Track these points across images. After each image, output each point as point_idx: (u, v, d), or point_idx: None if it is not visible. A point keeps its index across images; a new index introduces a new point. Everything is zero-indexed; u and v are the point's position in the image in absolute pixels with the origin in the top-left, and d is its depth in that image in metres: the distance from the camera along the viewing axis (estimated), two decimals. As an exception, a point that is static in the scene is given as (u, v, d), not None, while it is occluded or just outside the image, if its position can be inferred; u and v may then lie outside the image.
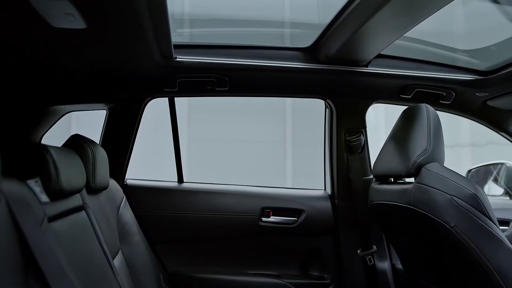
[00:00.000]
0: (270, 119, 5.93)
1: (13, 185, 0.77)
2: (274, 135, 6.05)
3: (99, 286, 1.00)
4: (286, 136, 6.09)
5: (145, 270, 1.61)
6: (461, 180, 1.35)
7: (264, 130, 5.90)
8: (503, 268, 1.28)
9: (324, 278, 1.99)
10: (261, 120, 5.79)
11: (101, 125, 1.93)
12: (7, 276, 0.66)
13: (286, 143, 6.08)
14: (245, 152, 5.68)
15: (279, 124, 6.05)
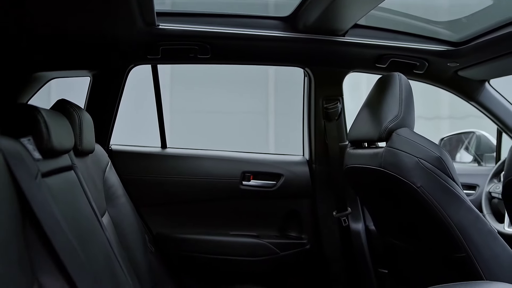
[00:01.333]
0: (252, 90, 5.95)
1: (8, 142, 0.82)
2: (257, 106, 6.09)
3: (89, 239, 1.07)
4: (269, 107, 6.14)
5: (131, 230, 1.68)
6: (428, 144, 1.45)
7: (246, 101, 5.93)
8: (463, 224, 1.40)
9: (302, 238, 2.10)
10: (243, 92, 5.81)
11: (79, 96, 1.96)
12: (7, 225, 0.72)
13: (269, 114, 6.14)
14: (228, 123, 5.72)
15: (262, 95, 6.09)
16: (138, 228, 1.74)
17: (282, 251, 2.04)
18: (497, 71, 2.03)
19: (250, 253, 2.03)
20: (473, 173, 2.40)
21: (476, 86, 2.12)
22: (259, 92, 6.05)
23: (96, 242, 1.12)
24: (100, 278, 0.98)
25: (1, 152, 0.77)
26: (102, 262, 1.08)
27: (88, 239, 1.06)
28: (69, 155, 1.21)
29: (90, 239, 1.07)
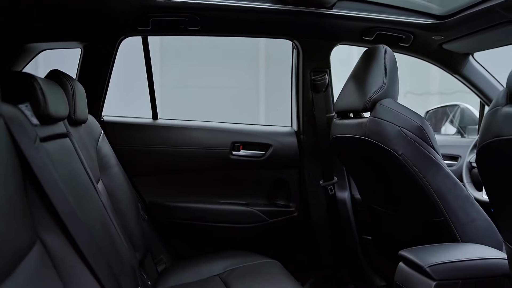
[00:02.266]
0: (243, 65, 5.94)
1: (8, 108, 0.86)
2: (247, 81, 6.08)
3: (86, 203, 1.12)
4: (259, 83, 6.14)
5: (125, 198, 1.73)
6: (410, 114, 1.51)
7: (237, 76, 5.92)
8: (441, 190, 1.47)
9: (290, 206, 2.18)
10: (234, 67, 5.80)
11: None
12: (10, 184, 0.77)
13: (259, 90, 6.14)
14: (218, 98, 5.72)
15: (253, 70, 6.07)
16: (131, 196, 1.79)
17: (270, 218, 2.12)
18: (481, 44, 2.07)
19: (239, 220, 2.11)
20: (456, 144, 2.47)
21: (460, 60, 2.16)
22: (250, 67, 6.04)
23: (92, 205, 1.17)
24: (97, 237, 1.04)
25: (2, 117, 0.81)
26: (98, 224, 1.14)
27: (84, 202, 1.11)
28: (64, 123, 1.25)
29: (86, 202, 1.12)
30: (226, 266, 1.77)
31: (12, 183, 0.77)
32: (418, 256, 1.29)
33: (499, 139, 0.99)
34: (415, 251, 1.33)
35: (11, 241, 0.70)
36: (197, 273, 1.76)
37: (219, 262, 1.81)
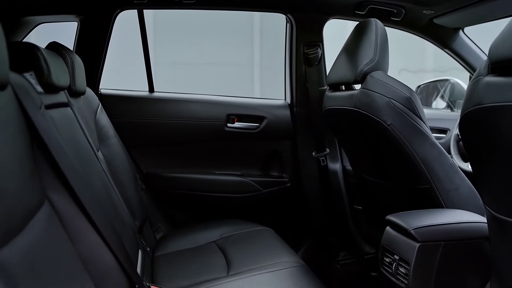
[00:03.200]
0: (238, 42, 5.92)
1: (15, 76, 0.91)
2: (242, 58, 6.07)
3: (88, 167, 1.18)
4: (254, 59, 6.13)
5: (123, 168, 1.79)
6: (399, 86, 1.56)
7: (231, 53, 5.91)
8: (427, 158, 1.53)
9: (283, 177, 2.25)
10: (228, 44, 5.78)
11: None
12: (19, 147, 0.81)
13: (254, 67, 6.15)
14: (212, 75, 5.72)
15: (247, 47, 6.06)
16: (129, 167, 1.85)
17: (264, 188, 2.19)
18: (471, 19, 2.11)
19: (234, 190, 2.17)
20: (445, 118, 2.53)
21: (451, 34, 2.21)
22: (244, 44, 6.03)
23: (94, 170, 1.23)
24: (101, 199, 1.10)
25: (11, 85, 0.86)
26: (101, 188, 1.20)
27: (87, 167, 1.16)
28: (65, 93, 1.29)
29: (88, 168, 1.18)
30: (222, 233, 1.84)
31: (21, 146, 0.81)
32: (403, 220, 1.36)
33: (479, 107, 1.04)
34: (401, 216, 1.40)
35: (22, 199, 0.75)
36: (194, 240, 1.83)
37: (215, 230, 1.88)
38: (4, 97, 0.79)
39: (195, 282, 1.42)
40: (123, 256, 0.99)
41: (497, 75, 1.01)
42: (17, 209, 0.72)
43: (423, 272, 1.30)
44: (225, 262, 1.57)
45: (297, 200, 2.26)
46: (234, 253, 1.62)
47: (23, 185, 0.77)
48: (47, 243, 0.79)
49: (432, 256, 1.29)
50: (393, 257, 1.38)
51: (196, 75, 5.57)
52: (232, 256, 1.60)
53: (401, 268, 1.34)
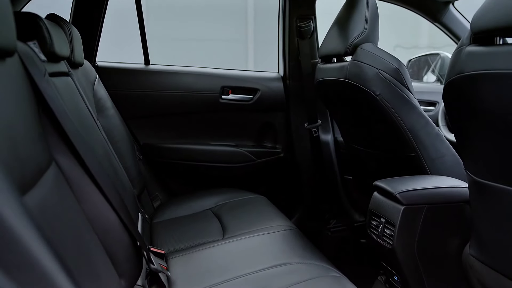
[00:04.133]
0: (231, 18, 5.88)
1: (21, 45, 0.95)
2: (236, 34, 6.05)
3: (91, 135, 1.23)
4: (248, 35, 6.11)
5: (121, 138, 1.83)
6: (388, 57, 1.61)
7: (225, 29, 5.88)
8: (414, 127, 1.60)
9: (276, 147, 2.31)
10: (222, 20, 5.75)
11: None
12: (27, 111, 0.86)
13: (248, 43, 6.13)
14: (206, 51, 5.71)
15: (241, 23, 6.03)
16: (126, 137, 1.90)
17: (258, 159, 2.25)
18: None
19: (229, 160, 2.24)
20: (434, 91, 2.58)
21: (441, 8, 2.24)
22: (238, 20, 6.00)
23: (96, 138, 1.28)
24: (103, 163, 1.16)
25: (17, 53, 0.90)
26: (102, 154, 1.26)
27: (89, 133, 1.22)
28: (65, 63, 1.34)
29: (91, 134, 1.24)
30: (217, 201, 1.91)
31: (29, 110, 0.87)
32: (389, 185, 1.44)
33: (461, 76, 1.10)
34: (387, 181, 1.48)
35: (32, 159, 0.80)
36: (190, 207, 1.90)
37: (210, 198, 1.95)
38: (12, 65, 0.83)
39: (192, 245, 1.50)
40: (125, 215, 1.05)
41: (478, 45, 1.06)
42: (28, 167, 0.77)
43: (407, 233, 1.38)
44: (221, 227, 1.64)
45: (289, 170, 2.32)
46: (229, 219, 1.70)
47: (32, 146, 0.82)
48: (56, 201, 0.85)
49: (415, 218, 1.38)
50: (379, 220, 1.46)
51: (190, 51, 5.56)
52: (227, 222, 1.67)
53: (387, 230, 1.42)
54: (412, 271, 1.42)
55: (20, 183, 0.71)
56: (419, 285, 1.43)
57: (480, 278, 1.32)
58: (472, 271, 1.34)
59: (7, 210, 0.46)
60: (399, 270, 1.45)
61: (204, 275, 1.27)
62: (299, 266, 1.26)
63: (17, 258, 0.46)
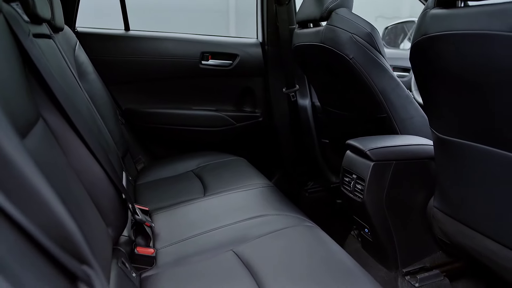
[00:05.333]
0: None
1: (5, 6, 0.99)
2: (217, 3, 5.98)
3: (75, 96, 1.28)
4: (229, 5, 6.05)
5: (103, 103, 1.87)
6: (362, 22, 1.68)
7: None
8: (385, 89, 1.68)
9: (255, 112, 2.38)
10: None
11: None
12: (16, 70, 0.90)
13: (229, 13, 6.07)
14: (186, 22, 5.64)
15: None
16: (109, 101, 1.93)
17: (238, 123, 2.32)
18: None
19: (210, 124, 2.30)
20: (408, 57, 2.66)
21: None
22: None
23: (80, 98, 1.33)
24: (87, 120, 1.21)
25: (2, 13, 0.94)
26: (87, 113, 1.31)
27: (73, 93, 1.27)
28: (47, 26, 1.36)
29: (74, 94, 1.28)
30: (199, 163, 1.98)
31: (17, 68, 0.91)
32: (361, 143, 1.53)
33: (425, 37, 1.17)
34: (359, 140, 1.57)
35: (20, 113, 0.85)
36: (173, 169, 1.97)
37: (192, 160, 2.02)
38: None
39: (174, 202, 1.58)
40: (110, 170, 1.11)
41: (441, 7, 1.13)
42: (18, 122, 0.82)
43: (376, 188, 1.48)
44: (202, 186, 1.72)
45: (268, 134, 2.40)
46: (210, 179, 1.77)
47: (21, 101, 0.87)
48: (45, 154, 0.91)
49: (384, 173, 1.47)
50: (351, 177, 1.56)
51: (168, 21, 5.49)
52: (208, 181, 1.75)
53: (358, 185, 1.52)
54: (381, 223, 1.52)
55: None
56: (387, 235, 1.54)
57: (442, 227, 1.43)
58: (435, 221, 1.46)
59: (6, 142, 0.52)
60: (369, 222, 1.55)
61: (186, 227, 1.35)
62: (275, 217, 1.35)
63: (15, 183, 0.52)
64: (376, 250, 1.63)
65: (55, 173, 0.90)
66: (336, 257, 1.12)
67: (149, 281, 1.10)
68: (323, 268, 1.06)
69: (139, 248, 1.19)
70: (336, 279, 1.01)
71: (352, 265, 1.08)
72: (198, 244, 1.24)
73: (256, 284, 1.01)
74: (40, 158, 0.85)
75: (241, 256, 1.14)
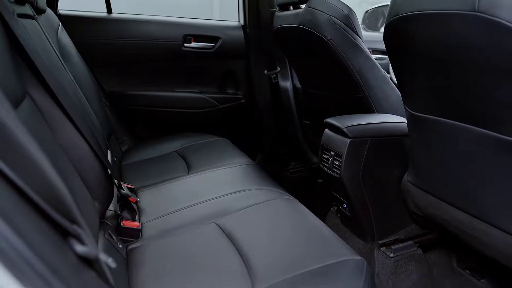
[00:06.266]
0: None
1: None
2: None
3: (59, 73, 1.31)
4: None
5: (87, 85, 1.88)
6: (340, 4, 1.73)
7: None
8: (362, 70, 1.74)
9: (238, 94, 2.42)
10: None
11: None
12: (2, 49, 0.94)
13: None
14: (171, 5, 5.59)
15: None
16: (92, 84, 1.96)
17: (221, 104, 2.36)
18: None
19: (193, 106, 2.34)
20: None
21: None
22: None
23: (64, 78, 1.36)
24: (72, 99, 1.25)
25: None
26: (72, 93, 1.34)
27: (58, 72, 1.30)
28: (30, 7, 1.39)
29: (59, 73, 1.31)
30: (183, 144, 2.03)
31: (1, 46, 0.94)
32: (338, 121, 1.59)
33: (397, 17, 1.23)
34: (337, 118, 1.63)
35: (9, 90, 0.89)
36: (157, 150, 2.01)
37: (176, 141, 2.07)
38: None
39: (159, 181, 1.62)
40: (96, 147, 1.16)
41: (412, -11, 1.19)
42: (9, 90, 0.85)
43: (353, 163, 1.54)
44: (186, 165, 1.77)
45: (251, 115, 2.45)
46: (194, 159, 1.82)
47: (6, 77, 0.90)
48: (32, 130, 0.94)
49: (360, 150, 1.54)
50: (329, 153, 1.62)
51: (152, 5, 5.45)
52: (192, 161, 1.80)
53: (336, 161, 1.58)
54: (357, 197, 1.60)
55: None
56: (364, 209, 1.62)
57: (415, 200, 1.51)
58: (409, 195, 1.53)
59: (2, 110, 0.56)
60: (347, 197, 1.62)
61: (170, 202, 1.40)
62: (256, 191, 1.41)
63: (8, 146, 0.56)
64: (354, 224, 1.70)
65: (43, 148, 0.94)
66: (314, 226, 1.18)
67: (135, 252, 1.16)
68: (301, 236, 1.13)
69: (125, 221, 1.24)
70: (313, 245, 1.08)
71: (329, 233, 1.14)
72: (182, 218, 1.30)
73: (238, 252, 1.07)
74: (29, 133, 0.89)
75: (223, 227, 1.20)
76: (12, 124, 0.58)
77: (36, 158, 0.60)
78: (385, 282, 1.58)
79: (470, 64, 1.05)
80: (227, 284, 0.95)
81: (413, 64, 1.27)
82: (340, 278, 0.92)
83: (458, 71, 1.10)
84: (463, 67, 1.08)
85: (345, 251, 1.04)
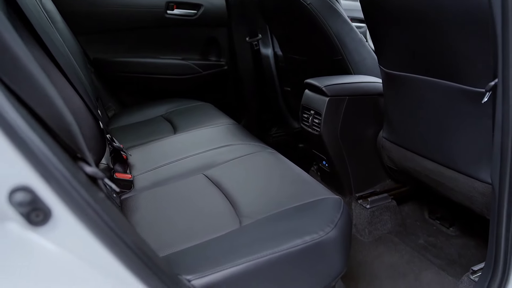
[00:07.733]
0: None
1: None
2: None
3: (50, 32, 1.35)
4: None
5: (73, 51, 1.90)
6: None
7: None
8: (340, 33, 1.81)
9: (220, 61, 2.48)
10: None
11: None
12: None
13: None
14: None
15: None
16: (78, 51, 1.99)
17: (204, 71, 2.42)
18: None
19: (177, 72, 2.39)
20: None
21: None
22: None
23: (54, 38, 1.40)
24: (66, 57, 1.30)
25: None
26: (62, 53, 1.39)
27: (49, 37, 1.34)
28: None
29: (51, 33, 1.36)
30: (168, 109, 2.09)
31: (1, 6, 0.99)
32: (317, 81, 1.67)
33: None
34: (316, 79, 1.71)
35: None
36: (143, 115, 2.07)
37: (161, 106, 2.12)
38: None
39: (146, 141, 1.69)
40: (88, 100, 1.22)
41: None
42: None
43: (331, 121, 1.64)
44: (172, 127, 1.83)
45: (233, 82, 2.51)
46: (180, 121, 1.89)
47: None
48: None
49: (338, 107, 1.63)
50: (309, 112, 1.71)
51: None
52: (178, 123, 1.86)
53: (315, 119, 1.67)
54: (336, 153, 1.69)
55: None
56: (342, 165, 1.72)
57: (390, 155, 1.61)
58: (383, 150, 1.64)
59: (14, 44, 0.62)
60: (326, 154, 1.72)
61: (159, 157, 1.48)
62: (240, 146, 1.49)
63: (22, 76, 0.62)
64: (333, 179, 1.80)
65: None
66: (295, 173, 1.27)
67: (128, 201, 1.23)
68: (284, 180, 1.22)
69: (117, 173, 1.31)
70: (295, 187, 1.17)
71: (309, 178, 1.24)
72: (171, 171, 1.38)
73: (225, 197, 1.16)
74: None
75: (211, 177, 1.28)
76: (24, 54, 0.64)
77: (45, 87, 0.66)
78: (362, 231, 1.70)
79: (439, 20, 1.14)
80: (218, 221, 1.04)
81: (385, 18, 1.35)
82: (319, 211, 1.02)
83: (427, 26, 1.19)
84: (432, 22, 1.16)
85: (324, 192, 1.13)
